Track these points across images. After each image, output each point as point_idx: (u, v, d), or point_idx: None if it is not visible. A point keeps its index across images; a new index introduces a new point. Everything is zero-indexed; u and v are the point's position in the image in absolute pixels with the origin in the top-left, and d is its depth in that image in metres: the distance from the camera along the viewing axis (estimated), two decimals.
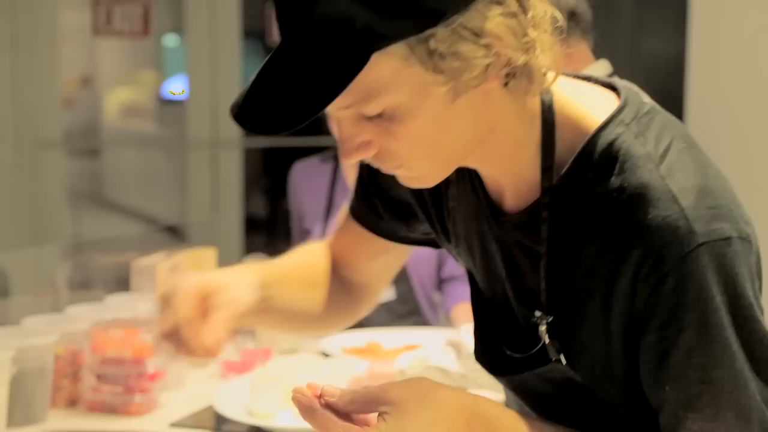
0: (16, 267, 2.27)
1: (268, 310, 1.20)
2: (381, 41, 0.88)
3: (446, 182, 1.12)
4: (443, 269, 2.60)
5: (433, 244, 1.24)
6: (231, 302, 1.10)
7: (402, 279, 2.50)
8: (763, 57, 2.85)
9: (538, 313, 1.01)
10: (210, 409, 1.83)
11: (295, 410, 1.77)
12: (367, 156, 0.97)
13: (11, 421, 1.72)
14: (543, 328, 1.00)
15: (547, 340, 1.00)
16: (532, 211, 1.01)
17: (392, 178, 1.10)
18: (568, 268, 0.99)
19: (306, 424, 1.71)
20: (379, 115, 0.93)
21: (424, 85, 0.91)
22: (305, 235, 2.65)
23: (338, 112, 0.94)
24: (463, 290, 2.58)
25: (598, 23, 2.18)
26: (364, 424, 0.98)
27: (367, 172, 1.25)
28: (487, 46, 0.90)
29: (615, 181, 0.96)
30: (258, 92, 0.92)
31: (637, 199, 0.94)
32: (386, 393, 0.97)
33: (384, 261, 1.31)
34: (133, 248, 2.60)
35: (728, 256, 0.92)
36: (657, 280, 0.92)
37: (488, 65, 0.91)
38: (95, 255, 2.57)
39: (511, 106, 0.98)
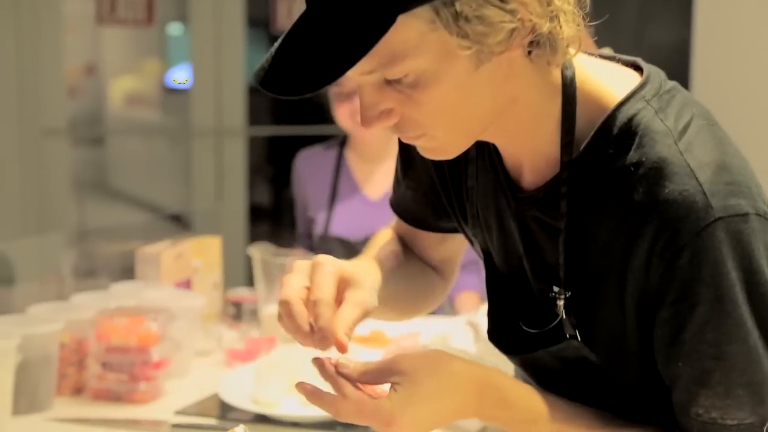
0: (21, 255, 2.28)
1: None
2: (407, 3, 0.88)
3: (466, 161, 1.12)
4: None
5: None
6: (362, 302, 1.05)
7: None
8: None
9: (556, 289, 1.01)
10: (215, 397, 1.84)
11: (300, 398, 1.78)
12: (388, 124, 0.97)
13: (17, 409, 1.73)
14: (561, 303, 1.00)
15: (563, 316, 1.00)
16: (551, 186, 1.01)
17: (422, 168, 1.11)
18: (586, 244, 0.99)
19: (310, 412, 1.73)
20: (402, 82, 0.93)
21: (449, 50, 0.91)
22: (309, 224, 2.65)
23: (361, 77, 0.94)
24: (468, 279, 2.58)
25: (602, 11, 2.17)
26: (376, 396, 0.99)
27: (401, 164, 1.26)
28: (512, 12, 0.91)
29: (633, 155, 0.96)
30: (283, 55, 0.92)
31: (655, 174, 0.94)
32: (398, 364, 0.99)
33: (449, 246, 1.30)
34: (137, 236, 2.60)
35: (745, 232, 0.92)
36: (672, 254, 0.92)
37: (513, 30, 0.91)
38: (100, 243, 2.57)
39: (533, 77, 0.98)
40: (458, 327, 1.87)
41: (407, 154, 1.23)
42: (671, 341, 0.95)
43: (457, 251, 1.34)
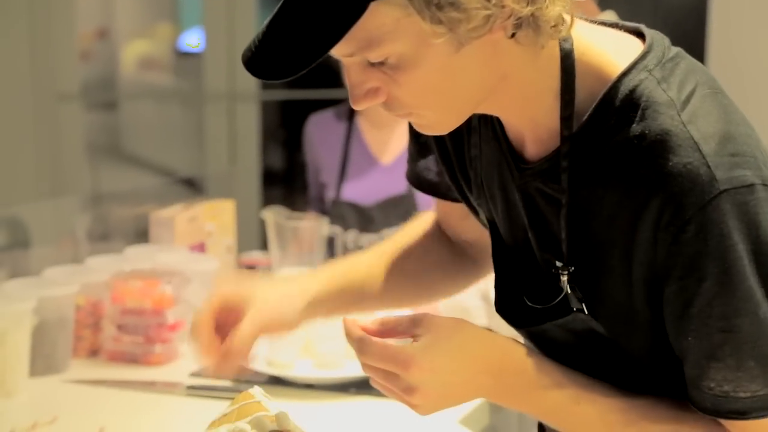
0: (35, 219, 2.29)
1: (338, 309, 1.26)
2: None
3: (469, 130, 1.12)
4: None
5: None
6: (257, 320, 1.16)
7: None
8: None
9: (559, 264, 1.01)
10: None
11: (314, 360, 1.79)
12: (376, 102, 0.98)
13: (34, 371, 1.75)
14: (564, 278, 1.00)
15: (568, 291, 1.00)
16: (553, 159, 1.00)
17: (430, 138, 1.13)
18: (589, 217, 0.98)
19: (324, 374, 1.74)
20: (385, 63, 0.94)
21: (424, 35, 0.91)
22: (321, 188, 2.65)
23: (346, 59, 0.95)
24: None
25: None
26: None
27: (412, 134, 1.26)
28: None
29: (636, 128, 0.95)
30: (265, 40, 0.93)
31: (658, 146, 0.93)
32: (423, 319, 1.02)
33: (469, 227, 1.29)
34: (151, 200, 2.61)
35: (751, 203, 0.91)
36: (677, 228, 0.92)
37: (489, 16, 0.90)
38: (114, 207, 2.58)
39: (523, 55, 0.97)
40: (472, 301, 1.87)
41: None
42: (680, 316, 0.94)
43: (484, 234, 1.34)
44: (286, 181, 4.07)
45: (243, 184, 3.59)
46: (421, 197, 2.51)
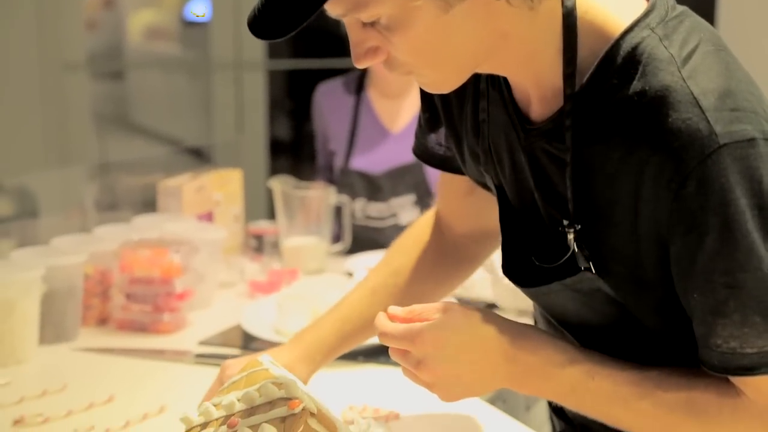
0: (43, 188, 2.29)
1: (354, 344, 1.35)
2: None
3: (477, 95, 1.12)
4: None
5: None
6: None
7: (426, 200, 2.51)
8: None
9: (565, 222, 1.01)
10: (238, 328, 1.86)
11: None
12: (377, 61, 0.99)
13: (43, 339, 1.76)
14: (571, 236, 1.00)
15: (575, 249, 1.00)
16: (557, 118, 1.00)
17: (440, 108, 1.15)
18: (594, 175, 0.98)
19: None
20: (379, 23, 0.95)
21: None
22: (330, 157, 2.65)
23: (346, 19, 0.97)
24: None
25: None
26: None
27: (423, 106, 1.26)
28: None
29: (637, 85, 0.95)
30: (265, 2, 0.95)
31: (658, 103, 0.93)
32: (441, 305, 1.06)
33: (478, 198, 1.30)
34: (158, 170, 2.61)
35: (751, 157, 0.91)
36: (678, 185, 0.92)
37: None
38: (121, 176, 2.58)
39: (520, 14, 0.97)
40: (476, 273, 1.86)
41: (427, 96, 1.24)
42: (685, 274, 0.94)
43: (482, 218, 1.34)
44: (294, 150, 4.06)
45: (250, 153, 3.58)
46: (429, 167, 2.51)
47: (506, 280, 1.77)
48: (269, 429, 0.89)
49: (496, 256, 1.87)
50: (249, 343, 1.78)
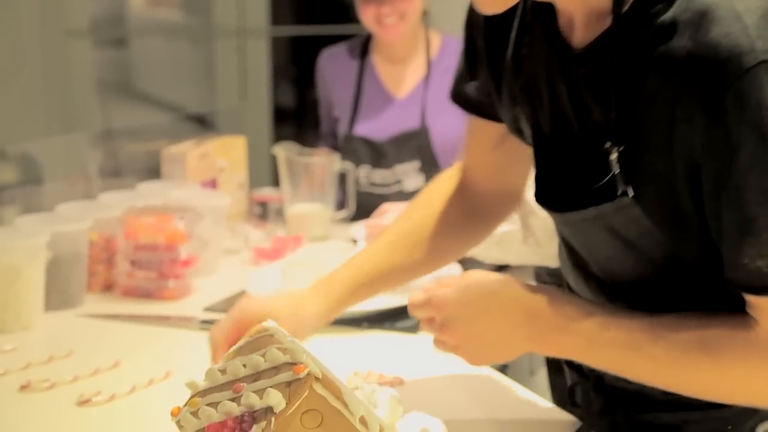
0: (47, 155, 2.29)
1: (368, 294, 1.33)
2: None
3: (522, 30, 1.13)
4: None
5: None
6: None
7: (431, 166, 2.50)
8: None
9: (608, 144, 1.00)
10: (242, 294, 1.86)
11: None
12: None
13: (49, 305, 1.76)
14: (614, 156, 0.99)
15: (617, 170, 0.99)
16: (601, 42, 1.01)
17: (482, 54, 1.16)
18: (635, 97, 0.98)
19: None
20: None
21: None
22: (334, 123, 2.64)
23: None
24: None
25: None
26: None
27: (465, 52, 1.27)
28: None
29: (681, 3, 0.95)
30: None
31: (701, 18, 0.92)
32: (469, 272, 1.11)
33: (505, 151, 1.31)
34: (162, 137, 2.61)
35: None
36: (714, 100, 0.91)
37: None
38: (125, 143, 2.58)
39: None
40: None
41: (471, 43, 1.25)
42: (716, 192, 0.93)
43: (512, 175, 1.34)
44: (298, 116, 4.05)
45: (254, 120, 3.58)
46: (435, 133, 2.50)
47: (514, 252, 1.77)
48: (274, 394, 0.89)
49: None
50: None
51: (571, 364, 1.23)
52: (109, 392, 1.38)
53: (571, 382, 1.21)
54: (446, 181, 1.40)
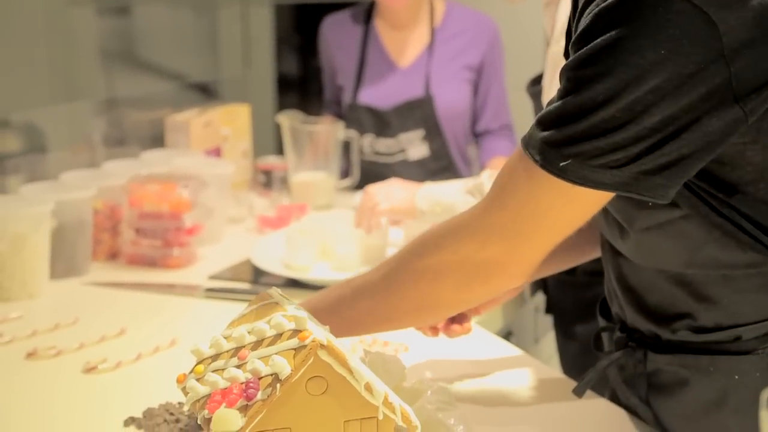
0: (51, 123, 2.28)
1: None
2: None
3: None
4: (478, 123, 2.58)
5: None
6: None
7: (435, 135, 2.49)
8: None
9: None
10: (247, 263, 1.87)
11: (330, 263, 1.80)
12: None
13: (54, 273, 1.77)
14: None
15: None
16: None
17: None
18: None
19: (339, 277, 1.75)
20: None
21: None
22: (338, 92, 2.63)
23: None
24: (499, 144, 2.57)
25: None
26: None
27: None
28: None
29: None
30: None
31: None
32: None
33: None
34: (166, 105, 2.60)
35: None
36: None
37: None
38: (129, 112, 2.57)
39: None
40: (457, 197, 1.83)
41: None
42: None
43: None
44: (301, 85, 4.04)
45: (258, 88, 3.56)
46: (439, 101, 2.49)
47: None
48: (280, 360, 0.89)
49: (486, 177, 1.83)
50: (259, 277, 1.79)
51: (601, 310, 1.23)
52: (115, 359, 1.39)
53: (599, 329, 1.22)
54: None
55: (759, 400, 0.75)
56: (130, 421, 1.19)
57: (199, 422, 0.94)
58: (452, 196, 1.79)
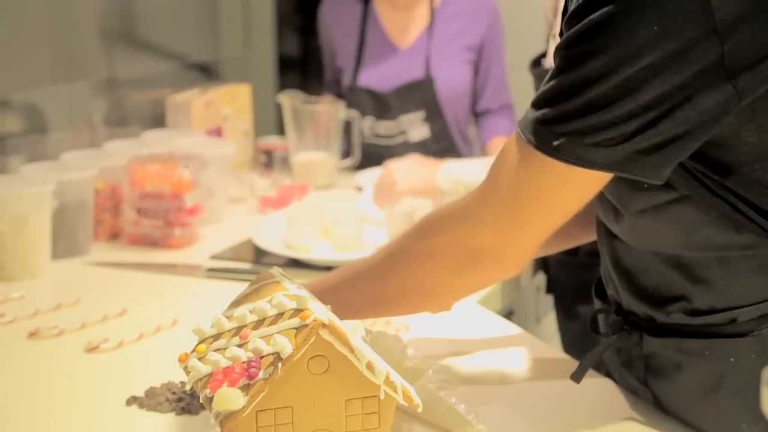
0: (52, 103, 2.28)
1: None
2: None
3: None
4: (478, 103, 2.57)
5: None
6: None
7: (436, 116, 2.49)
8: None
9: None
10: (249, 243, 1.87)
11: (332, 243, 1.81)
12: None
13: (56, 253, 1.77)
14: None
15: None
16: None
17: None
18: None
19: (342, 257, 1.75)
20: None
21: None
22: (337, 73, 2.62)
23: None
24: (499, 123, 2.56)
25: None
26: None
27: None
28: None
29: None
30: None
31: None
32: None
33: None
34: (166, 85, 2.59)
35: None
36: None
37: None
38: (130, 92, 2.57)
39: None
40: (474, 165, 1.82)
41: None
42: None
43: None
44: (302, 65, 4.03)
45: (259, 68, 3.55)
46: (440, 82, 2.48)
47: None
48: (281, 340, 0.89)
49: None
50: (260, 257, 1.79)
51: (596, 291, 1.23)
52: (117, 339, 1.39)
53: (595, 311, 1.22)
54: None
55: (759, 379, 0.75)
56: (132, 400, 1.20)
57: (201, 401, 0.95)
58: (475, 175, 1.78)
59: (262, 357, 0.91)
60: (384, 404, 0.93)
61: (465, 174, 1.78)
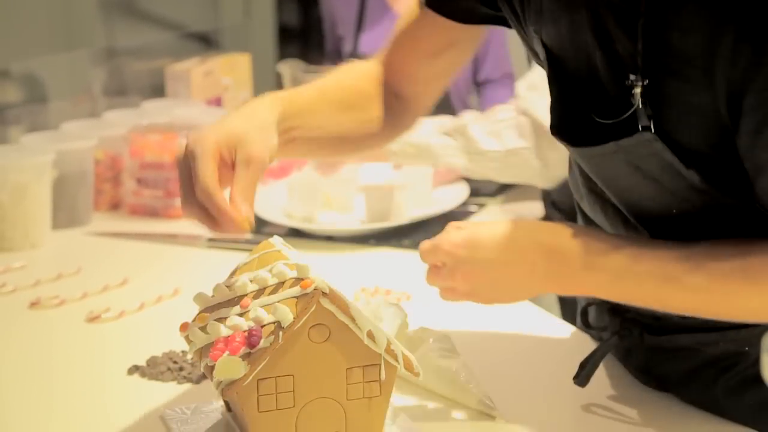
0: (51, 73, 2.27)
1: (295, 140, 1.14)
2: None
3: None
4: (479, 73, 2.56)
5: (503, 22, 1.16)
6: (252, 158, 1.00)
7: None
8: None
9: (632, 77, 0.95)
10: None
11: (331, 212, 1.80)
12: None
13: (56, 223, 1.77)
14: (637, 90, 0.95)
15: (639, 105, 0.95)
16: None
17: None
18: (666, 29, 0.93)
19: (343, 226, 1.75)
20: None
21: None
22: (338, 42, 2.61)
23: None
24: (500, 93, 2.55)
25: None
26: None
27: None
28: None
29: None
30: None
31: None
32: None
33: (445, 60, 1.24)
34: (166, 55, 2.58)
35: None
36: (761, 38, 0.87)
37: None
38: (129, 61, 2.56)
39: None
40: (433, 138, 1.79)
41: None
42: (756, 129, 0.89)
43: (453, 65, 1.27)
44: (302, 34, 4.01)
45: (258, 37, 3.53)
46: None
47: (481, 145, 1.71)
48: (282, 308, 0.90)
49: (470, 122, 1.81)
50: (261, 227, 1.79)
51: None
52: (118, 309, 1.40)
53: (585, 303, 1.20)
54: (358, 70, 1.29)
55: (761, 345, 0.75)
56: (133, 369, 1.20)
57: (202, 370, 0.95)
58: (425, 137, 1.76)
59: (263, 326, 0.91)
60: (385, 372, 0.94)
61: (414, 135, 1.74)
